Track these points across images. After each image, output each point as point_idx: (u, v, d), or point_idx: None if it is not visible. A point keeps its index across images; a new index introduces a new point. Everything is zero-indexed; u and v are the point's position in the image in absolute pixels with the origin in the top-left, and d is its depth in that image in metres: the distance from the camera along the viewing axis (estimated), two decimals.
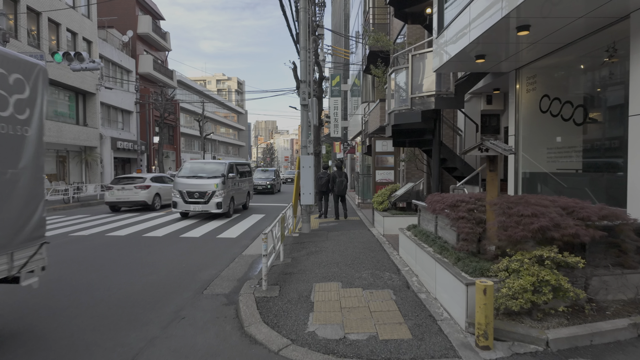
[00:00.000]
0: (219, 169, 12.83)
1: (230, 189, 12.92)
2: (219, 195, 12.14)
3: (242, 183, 14.51)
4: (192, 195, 12.21)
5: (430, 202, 4.94)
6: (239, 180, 14.04)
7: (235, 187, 13.58)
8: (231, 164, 13.30)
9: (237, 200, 13.71)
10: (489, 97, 9.52)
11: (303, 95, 9.10)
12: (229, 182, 12.73)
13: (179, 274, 6.39)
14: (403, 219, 8.65)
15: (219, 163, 13.35)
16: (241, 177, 14.42)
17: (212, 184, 12.19)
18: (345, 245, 7.81)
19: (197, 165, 13.59)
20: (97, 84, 23.68)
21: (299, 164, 9.06)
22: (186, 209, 12.25)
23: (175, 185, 12.62)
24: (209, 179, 12.39)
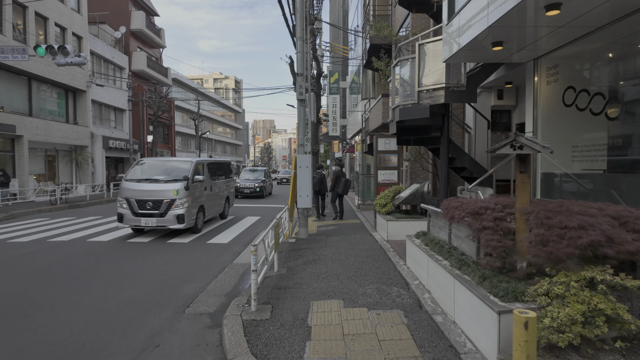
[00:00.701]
0: (181, 169, 9.88)
1: (198, 196, 10.04)
2: (180, 206, 9.15)
3: (218, 186, 11.75)
4: (143, 206, 9.18)
5: (447, 209, 4.26)
6: (213, 184, 11.33)
7: (207, 193, 10.72)
8: (199, 163, 10.51)
9: (209, 210, 10.84)
10: (500, 91, 8.85)
11: (300, 90, 8.42)
12: (196, 187, 9.92)
13: (160, 287, 5.70)
14: (408, 224, 7.98)
15: (183, 161, 10.40)
16: (216, 179, 11.64)
17: (170, 189, 9.23)
18: (346, 252, 7.13)
19: (153, 165, 10.50)
20: (88, 81, 22.92)
21: (295, 164, 8.38)
22: (135, 223, 9.18)
23: (121, 191, 9.56)
24: (167, 183, 9.44)
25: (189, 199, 9.43)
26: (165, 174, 9.83)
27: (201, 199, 10.25)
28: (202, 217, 10.29)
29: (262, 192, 20.70)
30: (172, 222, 9.13)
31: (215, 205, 11.41)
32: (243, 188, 20.34)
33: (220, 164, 12.69)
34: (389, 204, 8.70)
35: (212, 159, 12.12)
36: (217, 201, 11.61)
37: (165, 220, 9.12)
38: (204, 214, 10.42)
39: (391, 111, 7.90)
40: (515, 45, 5.77)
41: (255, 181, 20.85)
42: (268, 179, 22.96)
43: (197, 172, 10.16)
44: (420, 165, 9.49)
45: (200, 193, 10.22)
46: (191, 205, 9.50)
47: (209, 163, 11.46)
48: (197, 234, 9.85)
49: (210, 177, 11.11)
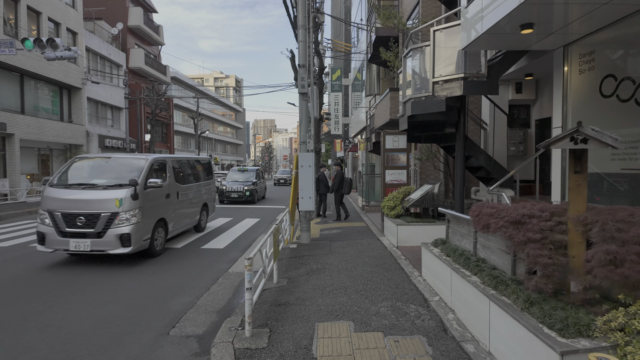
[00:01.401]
0: (130, 171, 7.15)
1: (157, 206, 7.41)
2: (124, 221, 6.54)
3: (191, 192, 9.10)
4: (73, 222, 6.59)
5: (478, 216, 3.59)
6: (183, 189, 8.66)
7: (173, 201, 8.07)
8: (157, 162, 7.72)
9: (177, 223, 8.29)
10: (519, 84, 8.18)
11: (302, 82, 7.75)
12: (152, 194, 7.26)
13: (144, 302, 5.03)
14: (420, 229, 7.31)
15: (135, 159, 7.57)
16: (187, 182, 9.03)
17: (110, 199, 6.61)
18: (353, 260, 6.46)
19: (93, 164, 7.69)
20: (83, 78, 22.28)
21: (296, 163, 7.72)
22: (62, 246, 6.60)
23: (43, 201, 6.93)
24: (108, 189, 6.77)
25: (139, 211, 6.78)
26: (108, 177, 7.11)
27: (161, 209, 7.56)
28: (162, 235, 7.64)
29: (252, 197, 17.39)
30: (113, 244, 6.49)
31: (185, 217, 8.77)
32: (229, 192, 17.12)
33: (194, 163, 9.93)
34: (398, 206, 8.03)
35: (181, 156, 9.24)
36: (188, 211, 8.94)
37: (103, 243, 6.48)
38: (166, 230, 7.80)
39: (401, 105, 7.23)
40: (546, 27, 5.10)
41: (244, 183, 17.47)
42: (260, 180, 19.75)
43: (153, 174, 7.47)
44: (431, 165, 8.82)
45: (160, 202, 7.55)
46: (143, 219, 6.87)
47: (176, 161, 8.73)
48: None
49: (177, 180, 8.43)
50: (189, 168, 9.52)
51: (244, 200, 17.17)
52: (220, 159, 54.19)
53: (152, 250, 7.28)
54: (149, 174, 7.32)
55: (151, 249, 7.26)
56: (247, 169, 19.05)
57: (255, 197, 17.86)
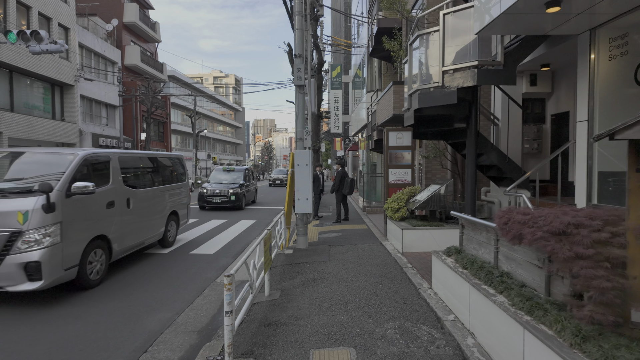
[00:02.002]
0: (52, 168, 5.27)
1: (90, 221, 5.45)
2: (33, 244, 4.68)
3: (148, 198, 7.06)
4: None
5: (508, 223, 2.97)
6: (137, 195, 6.65)
7: (117, 213, 6.03)
8: (93, 159, 5.72)
9: (125, 241, 6.27)
10: (533, 76, 7.56)
11: (298, 74, 7.13)
12: (82, 203, 5.28)
13: (116, 319, 4.41)
14: (428, 233, 6.69)
15: (58, 154, 5.64)
16: (143, 187, 6.97)
17: (10, 212, 4.70)
18: (354, 269, 5.84)
19: None
20: (76, 75, 21.65)
21: (292, 161, 7.10)
22: None
23: None
24: (6, 198, 4.85)
25: (56, 228, 4.81)
26: (14, 181, 5.18)
27: (99, 224, 5.57)
28: (103, 258, 5.66)
29: (239, 201, 14.62)
30: (15, 278, 4.58)
31: (142, 230, 6.75)
32: (211, 196, 14.45)
33: (158, 161, 7.80)
34: (403, 208, 7.41)
35: (137, 152, 7.15)
36: (147, 222, 6.94)
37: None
38: (108, 251, 5.83)
39: (407, 98, 6.61)
40: (571, 8, 4.48)
41: (229, 186, 14.85)
42: (250, 181, 16.99)
43: (85, 175, 5.43)
44: (438, 163, 8.20)
45: (97, 213, 5.57)
46: (65, 240, 4.92)
47: (128, 159, 6.67)
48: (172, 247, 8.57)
49: (128, 183, 6.46)
50: (149, 167, 7.47)
51: (229, 205, 14.50)
52: (219, 159, 53.57)
53: (84, 280, 5.22)
54: (75, 175, 5.24)
55: (81, 279, 5.17)
56: (234, 169, 16.38)
57: (243, 202, 15.14)
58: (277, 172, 35.59)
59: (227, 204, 14.48)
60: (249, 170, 17.37)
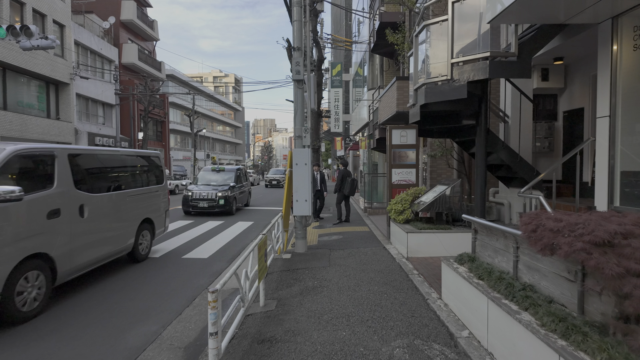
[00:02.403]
0: None
1: (20, 236, 4.27)
2: None
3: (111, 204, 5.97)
4: None
5: (536, 231, 2.56)
6: (94, 200, 5.55)
7: (64, 224, 4.93)
8: (26, 156, 4.61)
9: (77, 258, 5.13)
10: (545, 71, 7.16)
11: (297, 68, 6.73)
12: (4, 216, 4.08)
13: (96, 332, 4.02)
14: (435, 237, 6.29)
15: None
16: (104, 190, 5.87)
17: None
18: (356, 276, 5.44)
19: None
20: (72, 73, 21.26)
21: (290, 161, 6.70)
22: None
23: None
24: None
25: None
26: None
27: (35, 240, 4.45)
28: (43, 283, 4.52)
29: (228, 205, 12.97)
30: None
31: (101, 244, 5.66)
32: (197, 199, 12.81)
33: (126, 159, 6.65)
34: (407, 210, 7.01)
35: (93, 148, 5.94)
36: (108, 234, 5.83)
37: None
38: (51, 273, 4.70)
39: (413, 94, 6.20)
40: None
41: (218, 188, 13.21)
42: (242, 183, 15.31)
43: (10, 177, 4.37)
44: (445, 162, 7.81)
45: (31, 226, 4.41)
46: None
47: (84, 156, 5.59)
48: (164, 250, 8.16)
49: (82, 186, 5.33)
50: (115, 167, 6.35)
51: (218, 210, 12.84)
52: (219, 158, 53.21)
53: (10, 313, 4.09)
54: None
55: (6, 312, 4.07)
56: (225, 169, 14.81)
57: (233, 206, 13.40)
58: (273, 172, 32.12)
59: (215, 208, 12.82)
60: (241, 171, 15.66)
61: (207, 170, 14.85)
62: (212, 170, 14.73)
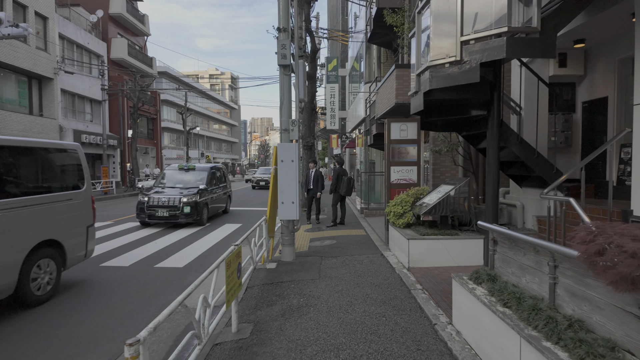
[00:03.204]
0: None
1: None
2: None
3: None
4: None
5: (604, 254, 1.76)
6: None
7: None
8: None
9: None
10: (563, 56, 6.37)
11: (282, 51, 5.92)
12: None
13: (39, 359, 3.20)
14: (439, 244, 5.49)
15: None
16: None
17: None
18: (349, 292, 4.64)
19: None
20: (56, 68, 20.34)
21: (275, 158, 5.88)
22: None
23: None
24: None
25: None
26: None
27: None
28: None
29: (196, 214, 10.18)
30: None
31: None
32: (154, 207, 10.04)
33: (14, 154, 4.52)
34: (408, 213, 6.21)
35: None
36: None
37: None
38: None
39: (415, 80, 5.40)
40: None
41: (184, 192, 10.40)
42: (220, 184, 12.45)
43: None
44: (449, 159, 7.03)
45: None
46: None
47: None
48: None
49: None
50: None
51: (183, 220, 10.03)
52: (213, 157, 52.33)
53: None
54: None
55: None
56: (195, 167, 11.80)
57: (204, 214, 10.59)
58: (262, 172, 27.53)
59: (180, 218, 9.93)
60: (220, 170, 12.85)
61: (174, 169, 12.04)
62: (180, 169, 11.88)
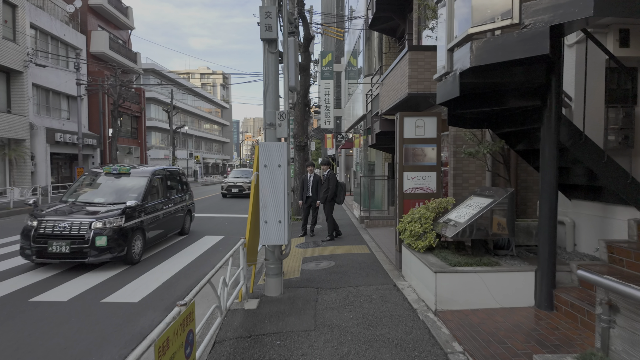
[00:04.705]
0: None
1: None
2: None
3: None
4: None
5: None
6: None
7: None
8: None
9: None
10: (624, 33, 5.02)
11: (267, 21, 4.50)
12: None
13: None
14: (477, 279, 4.08)
15: None
16: None
17: None
18: (360, 354, 3.21)
19: None
20: (26, 60, 18.67)
21: (257, 161, 4.44)
22: None
23: None
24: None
25: None
26: None
27: None
28: None
29: (119, 247, 6.33)
30: None
31: None
32: (46, 237, 6.13)
33: None
34: (430, 233, 4.80)
35: None
36: None
37: None
38: None
39: (445, 57, 3.98)
40: None
41: (98, 214, 6.47)
42: (168, 198, 8.36)
43: None
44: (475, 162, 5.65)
45: None
46: None
47: None
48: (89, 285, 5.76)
49: None
50: None
51: (90, 258, 6.11)
52: (203, 158, 50.64)
53: None
54: None
55: None
56: (129, 172, 7.81)
57: (136, 246, 6.78)
58: (235, 174, 20.70)
59: (90, 254, 6.07)
60: (171, 175, 8.87)
61: (99, 174, 7.92)
62: (107, 174, 7.78)
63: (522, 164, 6.09)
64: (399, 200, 5.78)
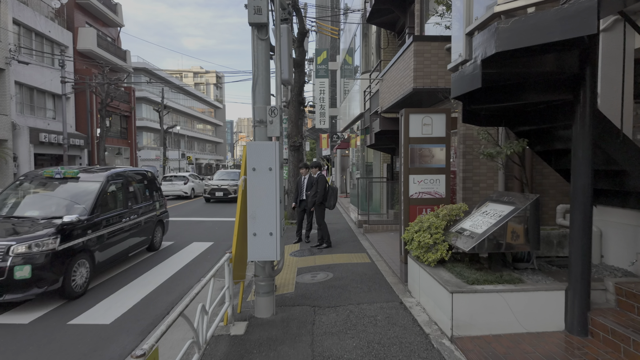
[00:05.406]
0: None
1: None
2: None
3: None
4: None
5: None
6: None
7: None
8: None
9: None
10: None
11: (255, 2, 3.92)
12: None
13: None
14: (499, 300, 3.53)
15: None
16: None
17: None
18: None
19: None
20: (8, 57, 17.90)
21: (245, 164, 3.87)
22: None
23: None
24: None
25: None
26: None
27: None
28: None
29: (51, 279, 4.69)
30: None
31: None
32: None
33: None
34: (441, 244, 4.24)
35: None
36: None
37: None
38: None
39: (463, 42, 3.44)
40: None
41: (22, 233, 4.82)
42: (130, 208, 6.72)
43: None
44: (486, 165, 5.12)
45: None
46: None
47: None
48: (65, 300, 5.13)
49: None
50: None
51: (7, 296, 4.47)
52: (196, 158, 49.85)
53: None
54: None
55: None
56: (77, 175, 6.13)
57: (79, 274, 5.15)
58: (220, 176, 18.39)
59: (10, 290, 4.50)
60: (138, 178, 7.46)
61: (36, 178, 6.29)
62: (48, 177, 6.17)
63: (537, 165, 5.57)
64: (404, 206, 5.23)
